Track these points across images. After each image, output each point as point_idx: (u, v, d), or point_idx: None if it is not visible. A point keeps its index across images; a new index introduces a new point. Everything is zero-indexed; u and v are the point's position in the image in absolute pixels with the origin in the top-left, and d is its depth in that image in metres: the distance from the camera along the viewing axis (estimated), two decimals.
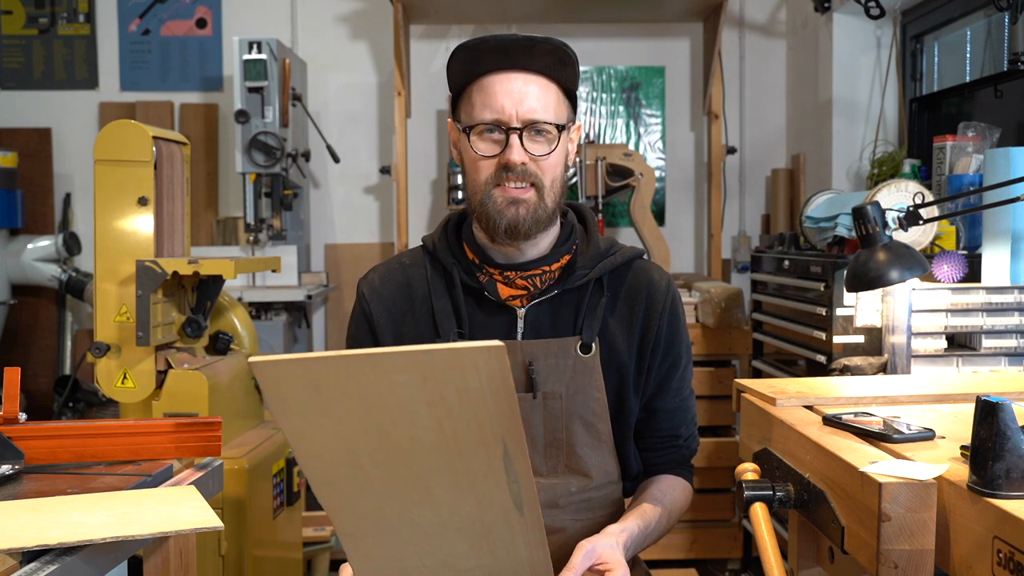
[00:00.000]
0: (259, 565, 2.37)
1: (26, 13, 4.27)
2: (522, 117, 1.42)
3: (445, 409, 1.05)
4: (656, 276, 1.56)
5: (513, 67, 1.42)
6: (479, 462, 1.09)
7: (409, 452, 1.09)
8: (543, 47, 1.43)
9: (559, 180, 1.48)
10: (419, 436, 1.07)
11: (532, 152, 1.43)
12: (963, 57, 3.34)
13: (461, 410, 1.04)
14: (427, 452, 1.08)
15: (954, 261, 2.15)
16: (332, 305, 4.31)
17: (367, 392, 1.04)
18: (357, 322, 1.57)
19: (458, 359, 1.01)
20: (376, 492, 1.13)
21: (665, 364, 1.55)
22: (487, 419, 1.05)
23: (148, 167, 2.27)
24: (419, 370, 1.02)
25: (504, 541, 1.17)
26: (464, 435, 1.07)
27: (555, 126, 1.44)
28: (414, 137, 4.21)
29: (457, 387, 1.03)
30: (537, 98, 1.42)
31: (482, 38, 1.44)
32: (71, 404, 3.68)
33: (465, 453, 1.08)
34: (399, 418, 1.06)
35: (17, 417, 1.45)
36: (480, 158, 1.44)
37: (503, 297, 1.50)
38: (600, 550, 1.31)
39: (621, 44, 4.32)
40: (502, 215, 1.44)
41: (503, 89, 1.42)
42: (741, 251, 4.27)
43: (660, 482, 1.57)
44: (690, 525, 3.41)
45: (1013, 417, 1.05)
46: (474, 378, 1.02)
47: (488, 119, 1.42)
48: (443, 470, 1.10)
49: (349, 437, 1.08)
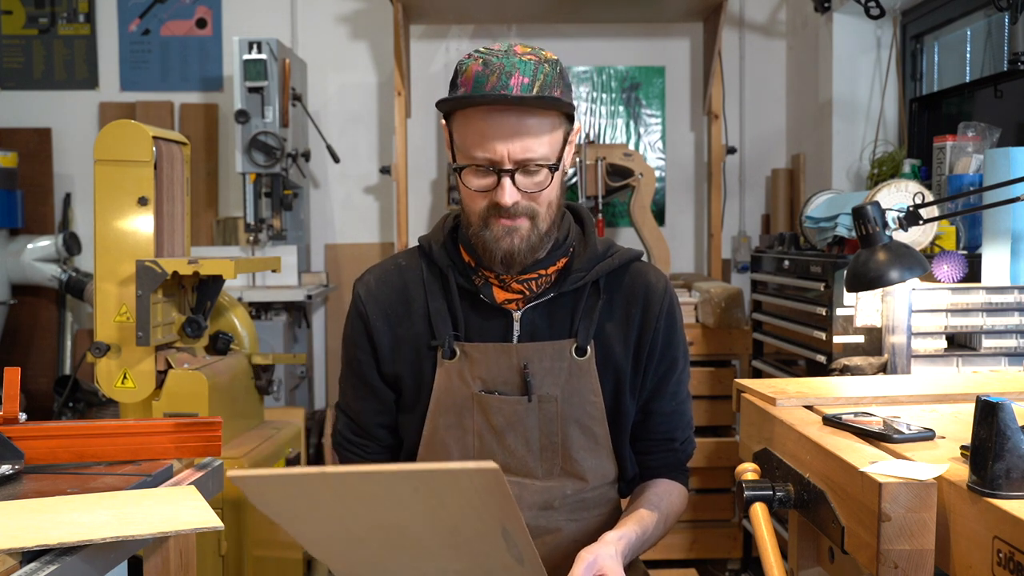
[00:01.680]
0: (259, 565, 2.37)
1: (26, 13, 4.27)
2: (514, 158, 1.36)
3: (443, 512, 1.07)
4: (653, 278, 1.55)
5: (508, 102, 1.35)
6: (480, 544, 1.13)
7: (408, 539, 1.12)
8: (535, 103, 1.35)
9: (555, 202, 1.45)
10: (417, 529, 1.10)
11: (524, 189, 1.39)
12: (963, 57, 3.34)
13: (459, 510, 1.07)
14: (427, 540, 1.12)
15: (954, 261, 2.15)
16: (332, 305, 4.31)
17: (361, 502, 1.06)
18: (353, 323, 1.57)
19: (455, 480, 1.02)
20: (377, 563, 1.18)
21: (662, 367, 1.54)
22: (486, 512, 1.07)
23: (148, 167, 2.27)
24: (413, 485, 1.03)
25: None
26: (463, 527, 1.10)
27: (548, 166, 1.39)
28: (414, 137, 4.21)
29: (455, 500, 1.05)
30: (532, 136, 1.36)
31: (470, 96, 1.35)
32: (71, 404, 3.67)
33: (467, 539, 1.12)
34: (395, 517, 1.08)
35: (17, 417, 1.45)
36: (474, 192, 1.41)
37: (499, 300, 1.50)
38: (601, 560, 1.30)
39: (621, 44, 4.32)
40: (498, 245, 1.42)
41: (496, 129, 1.35)
42: (741, 251, 4.27)
43: (657, 486, 1.56)
44: (690, 525, 3.41)
45: (1013, 417, 1.05)
46: (473, 495, 1.03)
47: (480, 159, 1.38)
48: (445, 554, 1.14)
49: (344, 527, 1.11)
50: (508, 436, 1.47)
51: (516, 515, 1.07)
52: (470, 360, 1.47)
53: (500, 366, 1.47)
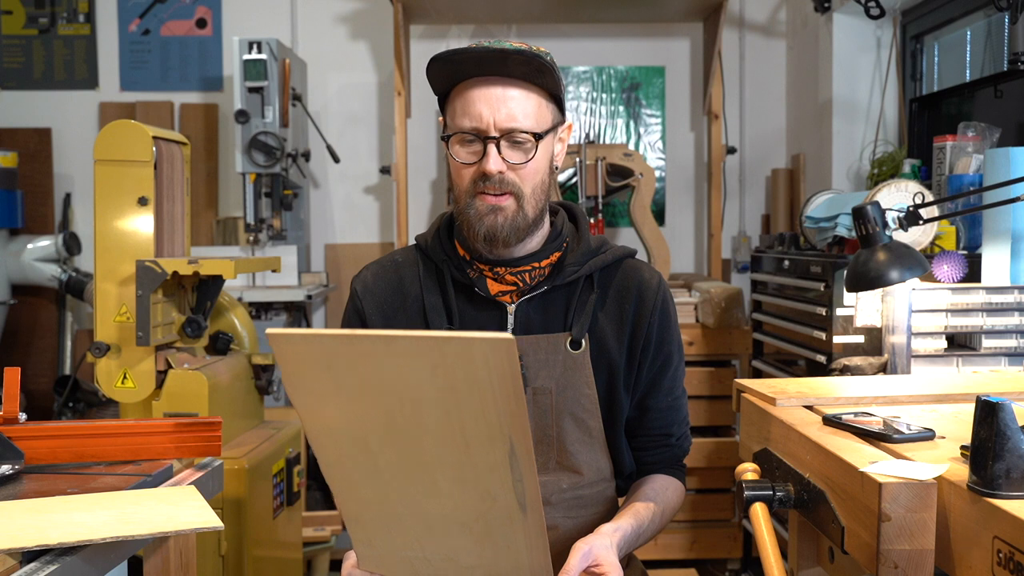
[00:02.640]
0: (259, 565, 2.37)
1: (26, 13, 4.27)
2: (500, 126, 1.41)
3: (454, 399, 1.05)
4: (647, 275, 1.56)
5: (493, 73, 1.42)
6: (485, 457, 1.09)
7: (416, 440, 1.09)
8: (517, 58, 1.40)
9: (540, 187, 1.48)
10: (426, 424, 1.07)
11: (510, 160, 1.43)
12: (963, 57, 3.34)
13: (469, 401, 1.05)
14: (434, 441, 1.09)
15: (954, 261, 2.15)
16: (332, 305, 4.31)
17: (377, 373, 1.05)
18: (350, 319, 1.59)
19: (468, 348, 1.01)
20: (382, 478, 1.13)
21: (656, 363, 1.55)
22: (494, 413, 1.05)
23: (148, 167, 2.27)
24: (429, 356, 1.02)
25: (507, 540, 1.17)
26: (471, 427, 1.07)
27: (533, 135, 1.43)
28: (414, 137, 4.21)
29: (466, 377, 1.03)
30: (517, 104, 1.42)
31: (456, 49, 1.43)
32: (71, 404, 3.68)
33: (471, 446, 1.08)
34: (407, 404, 1.06)
35: (17, 417, 1.45)
36: (461, 165, 1.46)
37: (493, 293, 1.51)
38: (596, 551, 1.31)
39: (621, 44, 4.32)
40: (481, 222, 1.45)
41: (482, 95, 1.42)
42: (741, 251, 4.27)
43: (653, 482, 1.57)
44: (690, 525, 3.41)
45: (1013, 417, 1.05)
46: (483, 369, 1.02)
47: (467, 127, 1.43)
48: (449, 462, 1.10)
49: (358, 418, 1.09)
50: None
51: (524, 426, 1.06)
52: None
53: None
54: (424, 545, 1.19)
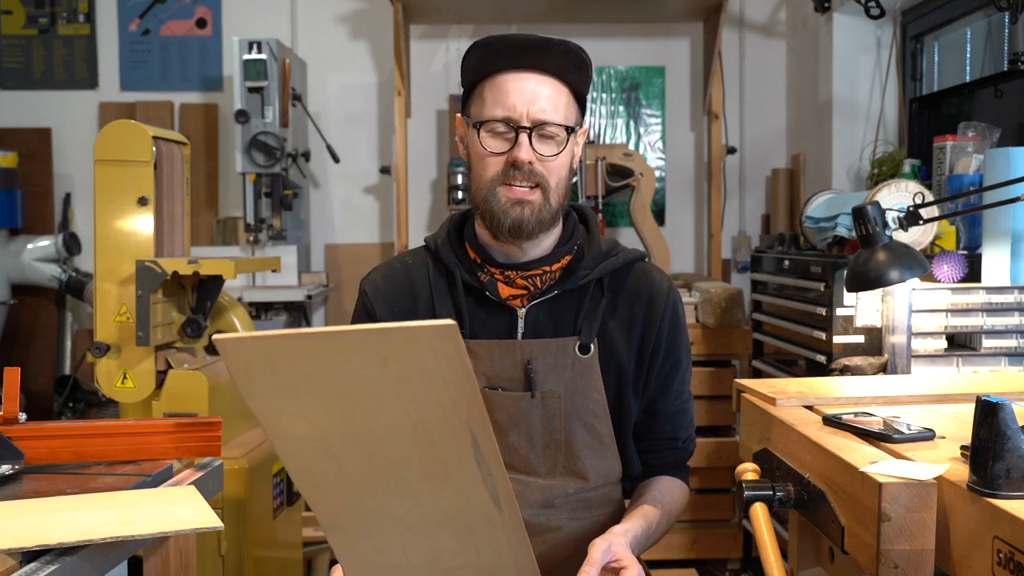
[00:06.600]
0: (259, 565, 2.37)
1: (26, 13, 4.27)
2: (532, 117, 1.42)
3: (409, 392, 1.03)
4: (658, 278, 1.55)
5: (527, 67, 1.43)
6: (450, 450, 1.07)
7: (380, 439, 1.07)
8: (559, 49, 1.43)
9: (564, 182, 1.48)
10: (387, 422, 1.05)
11: (540, 152, 1.43)
12: (963, 57, 3.34)
13: (424, 392, 1.03)
14: (397, 439, 1.07)
15: (954, 261, 2.15)
16: (332, 305, 4.31)
17: (328, 373, 1.03)
18: (359, 320, 1.57)
19: (413, 337, 0.99)
20: (353, 482, 1.11)
21: (666, 367, 1.54)
22: (451, 404, 1.03)
23: (148, 167, 2.26)
24: (379, 349, 1.00)
25: (487, 539, 1.17)
26: (430, 419, 1.05)
27: (564, 128, 1.44)
28: (414, 137, 4.21)
29: (417, 368, 1.01)
30: (548, 99, 1.43)
31: (500, 36, 1.45)
32: (71, 404, 3.68)
33: (435, 440, 1.07)
34: (364, 402, 1.04)
35: (17, 417, 1.45)
36: (488, 154, 1.45)
37: (503, 296, 1.50)
38: (615, 548, 1.31)
39: (621, 44, 4.32)
40: (506, 214, 1.44)
41: (516, 88, 1.42)
42: (741, 251, 4.27)
43: (659, 483, 1.57)
44: (690, 525, 3.41)
45: (1013, 417, 1.05)
46: (431, 358, 1.00)
47: (499, 116, 1.43)
48: (415, 459, 1.09)
49: (319, 421, 1.06)
50: (511, 433, 1.47)
51: (482, 415, 1.04)
52: (474, 356, 1.47)
53: (504, 362, 1.47)
54: (407, 550, 1.18)
